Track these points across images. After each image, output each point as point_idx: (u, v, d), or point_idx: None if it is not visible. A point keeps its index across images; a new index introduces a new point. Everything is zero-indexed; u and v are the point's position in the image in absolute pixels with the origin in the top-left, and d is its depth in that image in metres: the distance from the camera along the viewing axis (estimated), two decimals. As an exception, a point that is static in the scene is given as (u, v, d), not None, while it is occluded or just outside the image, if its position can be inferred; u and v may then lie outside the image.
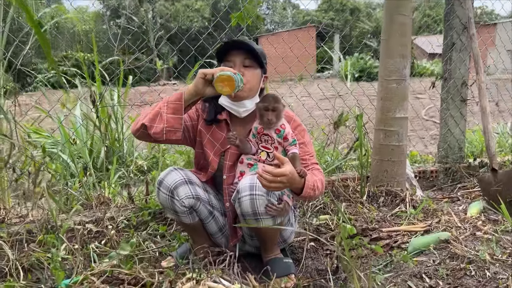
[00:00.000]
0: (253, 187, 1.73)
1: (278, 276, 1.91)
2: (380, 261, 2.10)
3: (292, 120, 1.97)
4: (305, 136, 1.99)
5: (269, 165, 1.85)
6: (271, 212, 1.76)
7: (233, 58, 1.86)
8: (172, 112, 1.70)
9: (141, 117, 1.75)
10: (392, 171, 2.99)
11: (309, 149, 1.98)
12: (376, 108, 3.06)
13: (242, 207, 1.76)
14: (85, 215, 2.55)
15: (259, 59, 1.88)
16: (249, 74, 1.86)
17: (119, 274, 1.78)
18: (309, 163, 1.95)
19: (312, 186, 1.80)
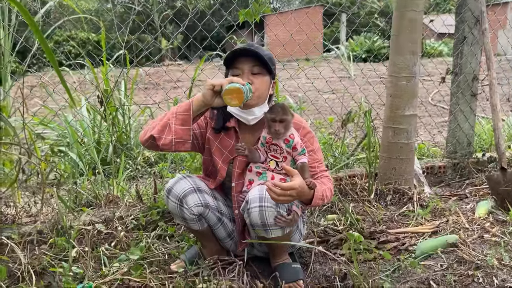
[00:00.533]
0: (262, 198, 1.73)
1: (287, 282, 1.92)
2: (388, 266, 2.11)
3: (301, 128, 1.95)
4: (314, 143, 1.98)
5: (278, 174, 1.85)
6: (280, 223, 1.76)
7: (241, 65, 1.83)
8: (181, 124, 1.69)
9: (150, 128, 1.74)
10: (400, 168, 2.97)
11: (318, 156, 1.98)
12: (385, 105, 3.03)
13: (251, 218, 1.76)
14: (94, 214, 2.57)
15: (268, 65, 1.86)
16: (258, 81, 1.84)
17: (129, 282, 1.80)
18: (318, 170, 1.95)
19: (321, 196, 1.80)
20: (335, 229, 2.44)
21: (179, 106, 1.74)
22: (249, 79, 1.82)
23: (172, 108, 1.76)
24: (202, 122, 1.98)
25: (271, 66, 1.88)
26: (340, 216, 2.64)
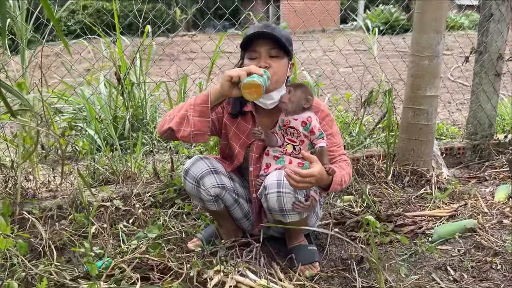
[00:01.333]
0: (280, 184, 1.72)
1: (303, 264, 1.93)
2: (404, 250, 2.11)
3: (320, 111, 1.92)
4: (333, 126, 1.95)
5: (295, 158, 1.83)
6: (298, 209, 1.76)
7: (258, 48, 1.78)
8: (199, 115, 1.68)
9: (168, 119, 1.73)
10: (419, 150, 2.93)
11: (337, 140, 1.95)
12: (405, 85, 2.97)
13: (268, 203, 1.76)
14: (112, 190, 2.60)
15: (286, 47, 1.81)
16: (276, 65, 1.79)
17: (148, 260, 1.82)
18: (336, 154, 1.92)
19: (340, 181, 1.79)
20: (351, 211, 2.43)
21: (197, 97, 1.71)
22: (267, 63, 1.77)
23: (189, 99, 1.74)
24: (219, 108, 1.95)
25: (289, 48, 1.83)
26: (357, 197, 2.63)
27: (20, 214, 2.28)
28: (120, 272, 1.77)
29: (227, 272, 1.66)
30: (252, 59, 1.79)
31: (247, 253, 1.84)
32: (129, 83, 3.34)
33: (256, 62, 1.78)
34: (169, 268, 1.77)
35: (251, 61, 1.80)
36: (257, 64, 1.76)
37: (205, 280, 1.67)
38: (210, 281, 1.61)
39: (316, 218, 2.08)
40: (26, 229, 2.21)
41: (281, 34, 1.79)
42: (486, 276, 1.91)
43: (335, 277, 1.88)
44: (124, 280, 1.70)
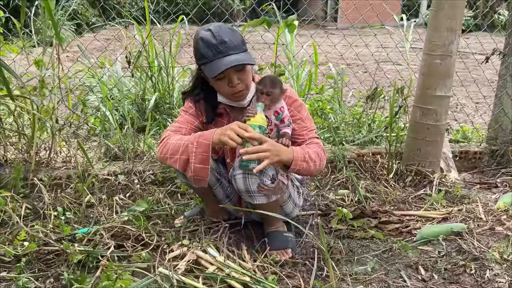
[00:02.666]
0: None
1: (274, 249, 2.00)
2: (380, 246, 2.12)
3: (287, 97, 1.96)
4: (302, 111, 2.00)
5: None
6: (263, 191, 1.82)
7: (226, 73, 1.81)
8: (200, 162, 1.78)
9: (169, 152, 1.83)
10: (425, 150, 2.88)
11: (307, 124, 1.99)
12: (416, 84, 2.92)
13: (236, 184, 1.84)
14: (119, 166, 2.78)
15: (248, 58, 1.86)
16: (245, 76, 1.86)
17: (127, 231, 1.97)
18: (306, 138, 1.97)
19: (303, 157, 1.83)
20: (339, 204, 2.46)
21: (198, 143, 1.79)
22: (238, 80, 1.83)
23: (191, 138, 1.82)
24: (196, 113, 2.03)
25: (246, 48, 1.87)
26: (351, 192, 2.64)
27: (32, 180, 2.51)
28: (101, 238, 1.93)
29: (192, 247, 1.76)
30: (219, 79, 1.84)
31: (216, 232, 1.94)
32: (156, 67, 3.51)
33: (227, 82, 1.84)
34: (143, 239, 1.91)
35: (219, 81, 1.85)
36: (229, 83, 1.83)
37: (169, 252, 1.78)
38: (169, 252, 1.72)
39: (294, 205, 2.14)
40: (33, 193, 2.44)
41: (243, 57, 1.81)
42: (457, 279, 1.89)
43: (300, 264, 1.93)
44: (100, 245, 1.85)
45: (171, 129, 1.98)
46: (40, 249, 1.83)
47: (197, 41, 1.84)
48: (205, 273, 1.65)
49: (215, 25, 1.82)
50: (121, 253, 1.80)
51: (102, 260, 1.72)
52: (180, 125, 1.98)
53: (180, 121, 2.00)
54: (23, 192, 2.49)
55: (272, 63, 3.13)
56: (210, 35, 1.80)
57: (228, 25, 1.89)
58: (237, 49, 1.82)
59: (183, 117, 2.02)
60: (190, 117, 2.00)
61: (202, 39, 1.82)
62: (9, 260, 1.84)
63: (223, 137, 1.73)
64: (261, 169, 1.73)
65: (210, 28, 1.82)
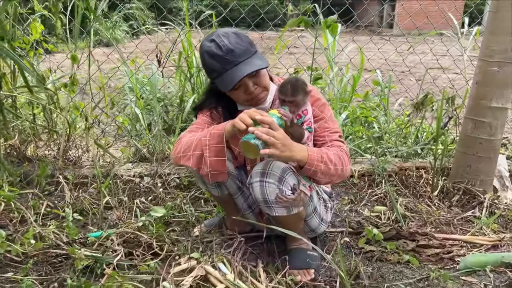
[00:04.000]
0: (265, 173, 1.64)
1: (294, 268, 1.83)
2: (416, 274, 1.88)
3: (310, 96, 1.79)
4: (325, 110, 1.81)
5: None
6: (281, 203, 1.65)
7: (241, 82, 1.67)
8: (215, 155, 1.65)
9: (182, 150, 1.71)
10: (476, 167, 2.59)
11: (330, 125, 1.81)
12: (469, 94, 2.63)
13: (254, 193, 1.69)
14: (146, 167, 2.71)
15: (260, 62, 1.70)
16: (260, 80, 1.71)
17: (140, 237, 1.87)
18: (327, 139, 1.78)
19: (320, 158, 1.63)
20: (373, 222, 2.24)
21: (211, 135, 1.66)
22: (253, 85, 1.70)
23: (204, 131, 1.70)
24: (216, 116, 1.90)
25: (255, 49, 1.72)
26: (389, 209, 2.41)
27: (58, 178, 2.49)
28: (111, 244, 1.84)
29: (200, 261, 1.63)
30: (235, 90, 1.71)
31: (231, 245, 1.79)
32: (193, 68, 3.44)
33: (243, 90, 1.70)
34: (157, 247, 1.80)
35: (235, 92, 1.72)
36: (245, 92, 1.70)
37: (178, 265, 1.66)
38: (174, 266, 1.59)
39: (320, 220, 1.95)
40: (57, 191, 2.41)
41: (246, 48, 1.67)
42: (504, 320, 1.63)
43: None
44: (108, 251, 1.76)
45: (189, 129, 1.86)
46: (49, 251, 1.76)
47: (202, 55, 1.71)
48: (211, 292, 1.50)
49: (218, 34, 1.67)
50: (129, 262, 1.69)
51: (107, 268, 1.61)
52: (197, 126, 1.85)
53: (198, 122, 1.88)
54: (48, 190, 2.47)
55: (309, 66, 2.95)
56: (214, 46, 1.66)
57: (230, 29, 1.73)
58: (246, 55, 1.67)
59: (201, 118, 1.89)
60: (208, 118, 1.88)
61: (207, 52, 1.68)
62: (19, 260, 1.79)
63: (235, 122, 1.58)
64: (267, 154, 1.53)
65: (213, 39, 1.68)
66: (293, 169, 1.66)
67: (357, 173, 2.77)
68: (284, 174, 1.63)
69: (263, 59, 1.72)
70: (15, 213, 2.09)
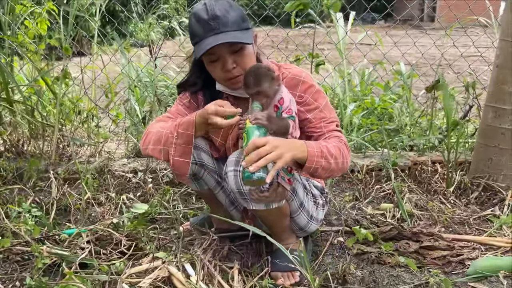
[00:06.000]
0: (239, 162, 1.47)
1: (277, 270, 1.66)
2: (415, 279, 1.67)
3: (301, 82, 1.61)
4: (319, 99, 1.62)
5: None
6: (253, 198, 1.49)
7: (216, 50, 1.51)
8: (180, 155, 1.54)
9: (151, 142, 1.59)
10: (498, 161, 2.32)
11: (326, 114, 1.61)
12: (490, 79, 2.37)
13: (228, 184, 1.53)
14: (142, 163, 2.61)
15: (245, 37, 1.52)
16: (241, 59, 1.53)
17: (113, 235, 1.76)
18: (325, 130, 1.59)
19: (320, 153, 1.45)
20: (373, 221, 2.03)
21: (179, 134, 1.53)
22: (233, 63, 1.52)
23: (171, 126, 1.57)
24: (193, 105, 1.74)
25: (246, 27, 1.55)
26: (395, 206, 2.19)
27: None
28: (77, 241, 1.74)
29: (164, 261, 1.49)
30: (213, 62, 1.55)
31: (208, 245, 1.65)
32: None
33: (221, 65, 1.54)
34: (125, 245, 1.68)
35: (212, 64, 1.56)
36: (222, 68, 1.53)
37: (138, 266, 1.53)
38: (130, 266, 1.47)
39: (309, 218, 1.76)
40: (45, 187, 2.35)
41: (235, 20, 1.50)
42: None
43: (302, 292, 1.56)
44: (75, 249, 1.66)
45: (158, 119, 1.73)
46: (14, 248, 1.68)
47: (191, 16, 1.57)
48: (169, 295, 1.36)
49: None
50: (90, 261, 1.58)
51: (66, 268, 1.51)
52: (169, 115, 1.72)
53: (171, 111, 1.74)
54: (40, 186, 2.41)
55: (310, 53, 2.76)
56: (203, 9, 1.51)
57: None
58: (232, 26, 1.50)
59: (176, 106, 1.75)
60: (183, 108, 1.73)
61: (194, 14, 1.54)
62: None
63: (213, 122, 1.44)
64: (276, 171, 1.36)
65: (205, 2, 1.53)
66: None
67: (364, 168, 2.55)
68: None
69: (250, 37, 1.54)
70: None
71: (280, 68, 1.70)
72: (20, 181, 2.38)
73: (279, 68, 1.69)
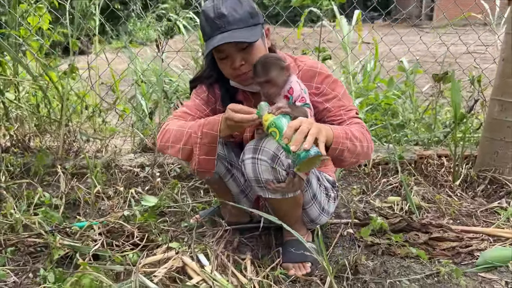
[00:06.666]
0: (257, 149, 1.48)
1: (288, 261, 1.67)
2: (426, 269, 1.68)
3: (317, 74, 1.62)
4: (337, 88, 1.63)
5: None
6: (270, 188, 1.50)
7: (224, 49, 1.52)
8: (205, 153, 1.55)
9: (170, 141, 1.59)
10: (505, 154, 2.33)
11: (345, 102, 1.62)
12: (496, 72, 2.38)
13: (245, 171, 1.53)
14: (149, 158, 2.62)
15: (254, 33, 1.53)
16: (250, 56, 1.53)
17: (124, 227, 1.77)
18: (345, 118, 1.60)
19: (345, 134, 1.46)
20: (383, 213, 2.04)
21: (204, 134, 1.53)
22: (241, 60, 1.53)
23: (195, 126, 1.56)
24: (210, 99, 1.75)
25: (256, 22, 1.54)
26: (403, 200, 2.20)
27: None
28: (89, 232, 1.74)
29: (178, 251, 1.50)
30: (222, 59, 1.56)
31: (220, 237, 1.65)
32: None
33: (229, 63, 1.55)
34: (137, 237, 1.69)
35: (222, 61, 1.57)
36: (231, 65, 1.54)
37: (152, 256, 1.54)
38: (145, 257, 1.47)
39: (320, 210, 1.77)
40: (53, 181, 2.35)
41: (242, 17, 1.50)
42: (526, 322, 1.41)
43: (313, 284, 1.57)
44: (87, 241, 1.66)
45: (176, 114, 1.73)
46: (26, 240, 1.68)
47: (201, 14, 1.58)
48: (185, 284, 1.37)
49: None
50: (103, 253, 1.58)
51: (80, 259, 1.51)
52: (187, 111, 1.71)
53: (189, 106, 1.73)
54: (48, 180, 2.42)
55: (316, 47, 2.76)
56: (211, 7, 1.53)
57: None
58: (238, 24, 1.50)
59: (193, 101, 1.74)
60: (201, 103, 1.73)
61: (203, 12, 1.55)
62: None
63: (243, 121, 1.43)
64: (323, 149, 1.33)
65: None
66: None
67: (371, 161, 2.56)
68: (278, 153, 1.47)
69: (256, 34, 1.53)
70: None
71: (296, 60, 1.71)
72: (28, 176, 2.38)
73: (295, 61, 1.70)
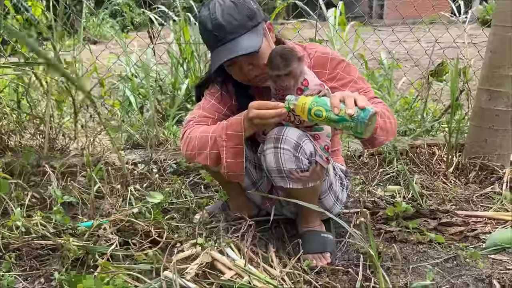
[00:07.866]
0: (279, 139, 1.46)
1: (309, 252, 1.65)
2: (442, 254, 1.72)
3: (329, 60, 1.62)
4: (351, 72, 1.63)
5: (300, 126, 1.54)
6: (294, 177, 1.48)
7: (233, 61, 1.50)
8: (232, 156, 1.50)
9: (196, 147, 1.56)
10: (493, 141, 2.43)
11: (362, 85, 1.63)
12: (483, 63, 2.47)
13: (266, 162, 1.51)
14: (140, 154, 2.52)
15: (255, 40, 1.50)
16: (257, 58, 1.50)
17: (136, 225, 1.68)
18: None
19: (377, 111, 1.44)
20: (389, 201, 2.07)
21: (228, 136, 1.50)
22: (249, 65, 1.51)
23: (218, 129, 1.53)
24: (225, 98, 1.71)
25: (256, 22, 1.51)
26: (403, 188, 2.25)
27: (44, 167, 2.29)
28: (104, 233, 1.65)
29: (205, 247, 1.44)
30: (229, 66, 1.54)
31: (238, 230, 1.61)
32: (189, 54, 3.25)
33: (237, 69, 1.54)
34: (152, 236, 1.61)
35: (229, 68, 1.56)
36: (240, 71, 1.54)
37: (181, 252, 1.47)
38: (176, 254, 1.41)
39: (335, 199, 1.77)
40: (42, 182, 2.21)
41: (240, 23, 1.47)
42: (545, 299, 1.47)
43: (341, 272, 1.56)
44: (100, 241, 1.57)
45: (195, 119, 1.66)
46: (33, 242, 1.57)
47: (198, 23, 1.55)
48: (220, 279, 1.32)
49: (214, 1, 1.50)
50: (124, 252, 1.50)
51: (100, 259, 1.42)
52: (206, 114, 1.67)
53: (205, 108, 1.69)
54: (34, 180, 2.27)
55: (311, 38, 2.77)
56: (207, 18, 1.49)
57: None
58: (238, 31, 1.47)
59: (209, 102, 1.69)
60: (217, 102, 1.69)
61: (201, 23, 1.52)
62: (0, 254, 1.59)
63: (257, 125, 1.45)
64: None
65: (209, 7, 1.50)
66: (309, 136, 1.49)
67: (366, 151, 2.60)
68: (301, 141, 1.45)
69: (258, 38, 1.49)
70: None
71: (306, 48, 1.69)
72: (11, 177, 2.22)
73: (305, 49, 1.69)
